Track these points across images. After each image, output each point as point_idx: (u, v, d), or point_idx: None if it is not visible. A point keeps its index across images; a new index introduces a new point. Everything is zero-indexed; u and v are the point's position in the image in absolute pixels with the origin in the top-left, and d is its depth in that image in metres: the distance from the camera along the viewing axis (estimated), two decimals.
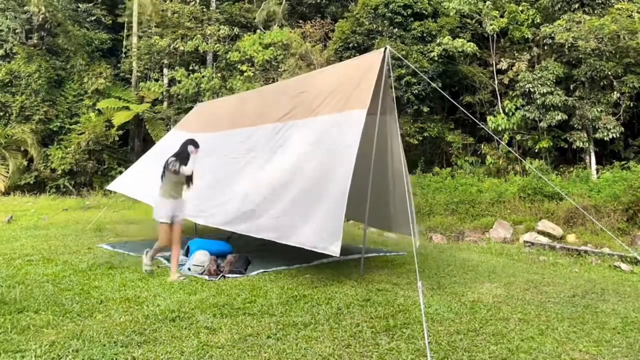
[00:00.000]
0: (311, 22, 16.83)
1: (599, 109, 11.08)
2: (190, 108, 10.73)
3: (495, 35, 12.88)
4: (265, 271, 5.43)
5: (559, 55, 12.07)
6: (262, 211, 5.46)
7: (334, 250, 4.53)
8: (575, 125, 11.48)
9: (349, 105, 5.31)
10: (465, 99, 13.22)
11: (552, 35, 11.72)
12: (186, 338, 3.27)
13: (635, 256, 6.34)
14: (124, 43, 20.09)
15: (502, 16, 12.82)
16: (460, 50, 12.40)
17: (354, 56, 11.33)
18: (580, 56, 11.39)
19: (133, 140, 18.63)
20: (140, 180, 7.66)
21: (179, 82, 16.85)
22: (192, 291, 4.48)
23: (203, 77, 16.55)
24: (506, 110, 12.33)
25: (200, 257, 5.38)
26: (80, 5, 19.92)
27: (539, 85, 11.45)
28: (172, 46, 17.97)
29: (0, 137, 16.02)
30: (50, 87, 17.37)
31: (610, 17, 11.19)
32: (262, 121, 6.55)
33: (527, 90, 11.70)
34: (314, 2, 18.21)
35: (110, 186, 8.36)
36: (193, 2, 19.05)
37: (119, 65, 19.93)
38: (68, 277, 4.91)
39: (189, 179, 5.24)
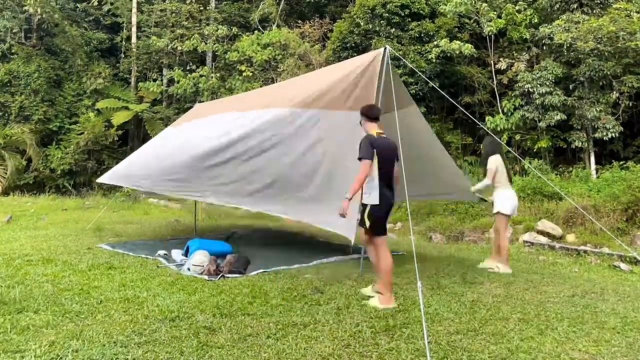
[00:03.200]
0: (310, 22, 16.81)
1: (598, 109, 11.08)
2: (190, 108, 10.72)
3: (493, 35, 12.87)
4: (265, 271, 5.43)
5: (558, 56, 12.06)
6: (286, 192, 5.87)
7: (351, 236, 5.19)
8: (575, 125, 11.48)
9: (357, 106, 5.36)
10: (464, 99, 13.21)
11: (551, 35, 11.71)
12: (186, 338, 3.26)
13: (634, 256, 6.35)
14: (123, 43, 20.08)
15: (499, 17, 12.81)
16: (457, 52, 12.39)
17: (352, 56, 11.31)
18: (579, 56, 11.39)
19: (132, 140, 18.60)
20: (131, 170, 7.62)
21: (177, 82, 16.84)
22: (191, 291, 4.48)
23: (201, 76, 16.53)
24: (504, 110, 12.32)
25: (200, 257, 5.38)
26: (78, 5, 19.90)
27: (538, 86, 11.44)
28: (170, 46, 17.95)
29: None
30: (50, 87, 17.33)
31: (608, 17, 11.18)
32: (269, 105, 6.34)
33: (527, 90, 11.68)
34: (312, 1, 18.20)
35: (101, 179, 8.32)
36: (190, 1, 19.01)
37: (117, 65, 19.91)
38: (68, 277, 4.90)
39: None
